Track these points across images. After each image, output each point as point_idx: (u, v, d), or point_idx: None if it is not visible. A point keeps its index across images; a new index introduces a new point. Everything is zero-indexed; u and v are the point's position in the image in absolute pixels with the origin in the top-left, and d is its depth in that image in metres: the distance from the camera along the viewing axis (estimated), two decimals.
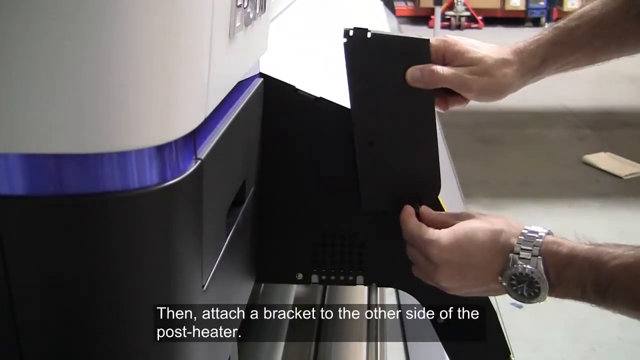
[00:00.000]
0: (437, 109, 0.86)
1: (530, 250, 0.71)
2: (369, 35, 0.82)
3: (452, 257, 0.76)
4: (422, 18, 9.18)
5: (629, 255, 0.66)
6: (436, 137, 0.86)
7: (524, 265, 0.71)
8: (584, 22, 0.83)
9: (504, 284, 0.73)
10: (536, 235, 0.72)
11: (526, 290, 0.71)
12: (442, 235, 0.77)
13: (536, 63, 0.83)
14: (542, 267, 0.70)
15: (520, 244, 0.72)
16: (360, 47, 0.82)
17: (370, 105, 0.85)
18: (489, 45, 0.84)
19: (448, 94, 0.85)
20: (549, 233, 0.73)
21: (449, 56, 0.83)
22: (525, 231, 0.73)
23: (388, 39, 0.83)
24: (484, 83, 0.82)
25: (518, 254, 0.72)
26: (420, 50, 0.82)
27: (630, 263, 0.65)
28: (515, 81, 0.83)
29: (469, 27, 9.08)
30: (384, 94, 0.84)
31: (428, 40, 0.83)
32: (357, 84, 0.84)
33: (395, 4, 5.79)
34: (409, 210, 0.83)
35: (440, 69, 0.82)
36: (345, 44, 0.82)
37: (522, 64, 0.83)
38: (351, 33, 0.82)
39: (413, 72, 0.82)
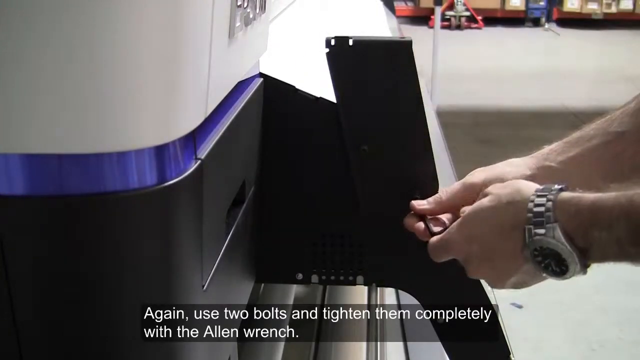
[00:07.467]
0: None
1: (543, 220, 0.63)
2: (350, 42, 0.82)
3: (471, 249, 0.72)
4: (422, 18, 9.17)
5: None
6: (428, 136, 0.86)
7: (542, 237, 0.63)
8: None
9: (530, 261, 0.66)
10: (544, 206, 0.64)
11: (555, 265, 0.64)
12: (453, 236, 0.74)
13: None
14: (561, 236, 0.62)
15: (531, 213, 0.64)
16: (344, 55, 0.82)
17: (358, 111, 0.85)
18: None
19: None
20: (562, 189, 0.64)
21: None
22: (534, 198, 0.65)
23: (370, 44, 0.83)
24: None
25: (532, 224, 0.64)
26: (403, 52, 0.82)
27: None
28: None
29: (469, 27, 9.07)
30: (371, 98, 0.84)
31: (410, 41, 0.83)
32: (343, 91, 0.84)
33: (395, 4, 5.78)
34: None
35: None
36: (327, 53, 0.82)
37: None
38: (333, 42, 0.82)
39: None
